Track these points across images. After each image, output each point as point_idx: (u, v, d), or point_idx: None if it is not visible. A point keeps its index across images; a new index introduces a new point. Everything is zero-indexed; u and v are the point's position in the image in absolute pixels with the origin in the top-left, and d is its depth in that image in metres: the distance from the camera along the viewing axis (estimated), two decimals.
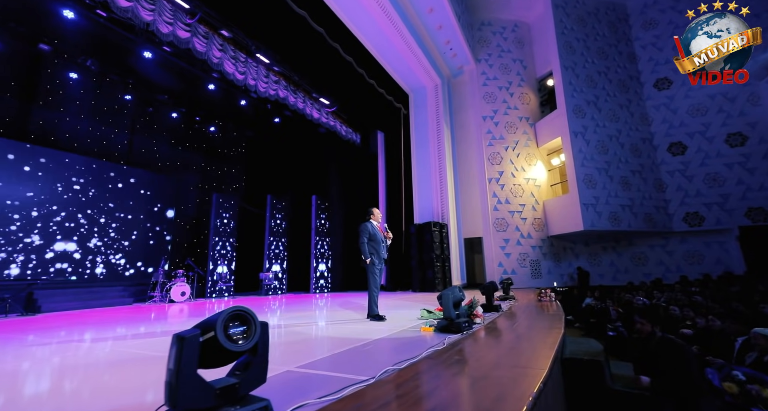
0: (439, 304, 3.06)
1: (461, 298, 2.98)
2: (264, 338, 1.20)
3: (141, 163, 10.49)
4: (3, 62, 8.22)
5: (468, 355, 2.10)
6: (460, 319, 2.93)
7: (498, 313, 4.16)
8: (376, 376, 1.65)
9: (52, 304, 6.73)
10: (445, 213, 10.78)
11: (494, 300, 4.47)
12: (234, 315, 1.10)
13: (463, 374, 1.73)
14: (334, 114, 12.03)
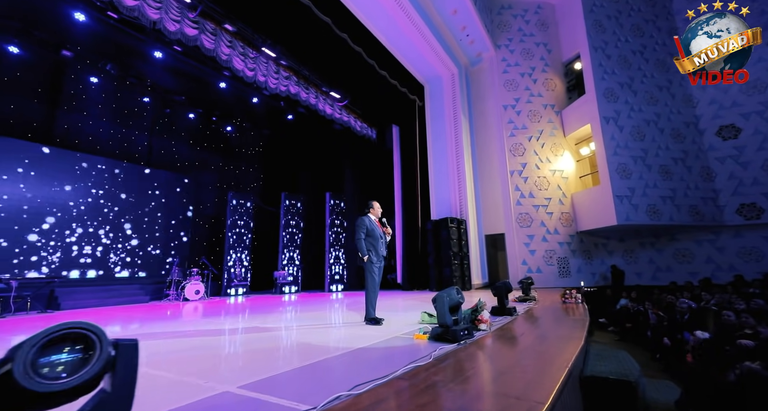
0: (434, 307, 2.66)
1: (458, 302, 2.56)
2: (126, 369, 0.87)
3: (160, 164, 10.72)
4: (30, 69, 8.56)
5: (450, 376, 1.70)
6: (458, 327, 2.52)
7: (511, 318, 3.69)
8: (318, 406, 1.30)
9: (71, 301, 6.93)
10: (463, 208, 10.23)
11: (509, 302, 3.98)
12: (60, 336, 0.78)
13: (432, 407, 1.35)
14: (347, 109, 11.77)
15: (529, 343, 2.49)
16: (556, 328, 3.07)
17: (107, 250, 8.63)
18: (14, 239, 7.22)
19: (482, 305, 3.08)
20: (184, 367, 2.08)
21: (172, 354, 2.50)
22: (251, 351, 2.56)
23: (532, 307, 4.67)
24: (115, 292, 7.77)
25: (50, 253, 7.68)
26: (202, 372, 1.96)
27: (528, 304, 5.01)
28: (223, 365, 2.19)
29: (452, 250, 8.99)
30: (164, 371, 1.98)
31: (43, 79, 8.82)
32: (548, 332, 2.91)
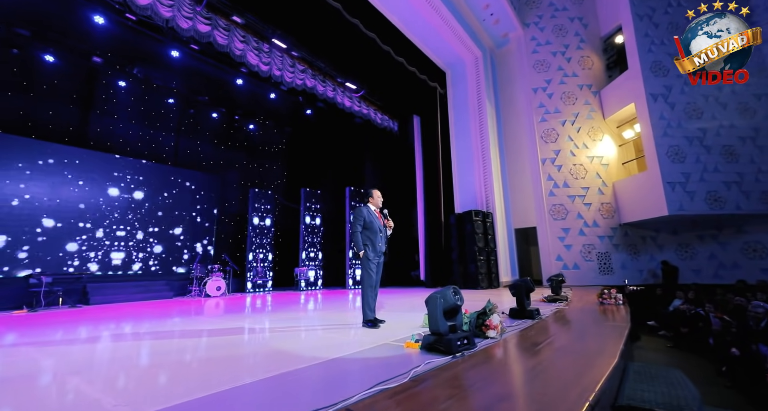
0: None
1: (455, 304, 2.11)
2: None
3: (186, 164, 11.00)
4: (65, 77, 9.00)
5: (421, 407, 1.28)
6: (455, 335, 2.07)
7: (532, 322, 3.15)
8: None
9: (100, 296, 7.21)
10: (490, 201, 9.54)
11: (530, 303, 3.44)
12: None
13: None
14: (367, 102, 11.43)
15: (547, 356, 1.99)
16: (586, 337, 2.52)
17: (135, 247, 8.95)
18: (49, 237, 7.62)
19: (492, 307, 2.59)
20: (114, 381, 1.82)
21: (129, 360, 2.27)
22: (215, 358, 2.28)
23: (561, 309, 4.07)
24: (142, 287, 8.02)
25: (82, 250, 8.05)
26: (135, 387, 1.70)
27: (557, 304, 4.39)
28: (172, 375, 1.91)
29: (477, 245, 8.39)
30: (88, 384, 1.75)
31: (77, 86, 9.26)
32: (575, 342, 2.38)
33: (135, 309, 6.00)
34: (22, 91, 8.25)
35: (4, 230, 7.03)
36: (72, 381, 1.89)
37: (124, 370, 2.08)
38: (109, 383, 1.82)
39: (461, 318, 2.23)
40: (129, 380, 1.87)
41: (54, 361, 2.39)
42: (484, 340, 2.37)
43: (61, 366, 2.25)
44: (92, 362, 2.35)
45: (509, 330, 2.76)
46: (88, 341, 3.16)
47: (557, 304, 4.42)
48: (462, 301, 2.17)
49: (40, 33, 8.12)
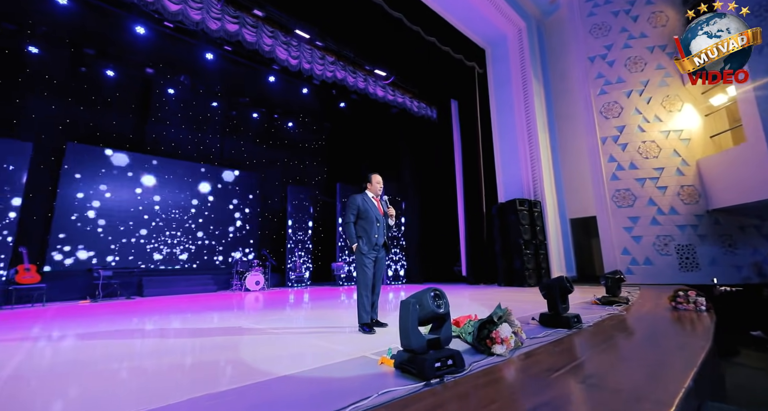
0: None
1: (435, 313, 1.62)
2: None
3: (231, 163, 11.55)
4: (124, 89, 9.87)
5: None
6: (437, 353, 1.58)
7: (567, 332, 2.49)
8: None
9: (153, 289, 7.80)
10: (538, 188, 8.50)
11: (568, 306, 2.75)
12: None
13: None
14: (401, 90, 10.93)
15: (564, 391, 1.40)
16: (638, 358, 1.84)
17: (183, 244, 9.57)
18: (111, 234, 8.42)
19: (503, 314, 2.03)
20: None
21: (80, 367, 2.11)
22: (151, 368, 2.02)
23: (616, 315, 3.26)
24: (190, 281, 8.53)
25: (137, 247, 8.80)
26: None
27: (612, 308, 3.56)
28: (76, 392, 1.68)
29: (523, 237, 7.49)
30: None
31: (134, 96, 10.12)
32: (616, 366, 1.73)
33: (169, 302, 6.32)
34: (91, 105, 9.19)
35: (75, 229, 7.90)
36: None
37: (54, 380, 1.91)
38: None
39: (448, 330, 1.72)
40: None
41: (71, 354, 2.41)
42: (487, 359, 1.83)
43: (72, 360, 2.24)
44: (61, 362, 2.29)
45: (533, 343, 2.17)
46: (97, 336, 3.22)
47: (612, 308, 3.59)
48: (446, 307, 1.67)
49: (102, 50, 8.96)
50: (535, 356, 1.91)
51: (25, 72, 8.38)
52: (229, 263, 9.97)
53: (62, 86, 8.76)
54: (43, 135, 8.38)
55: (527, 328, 2.76)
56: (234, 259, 9.04)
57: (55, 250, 7.55)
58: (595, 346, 2.13)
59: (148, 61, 9.69)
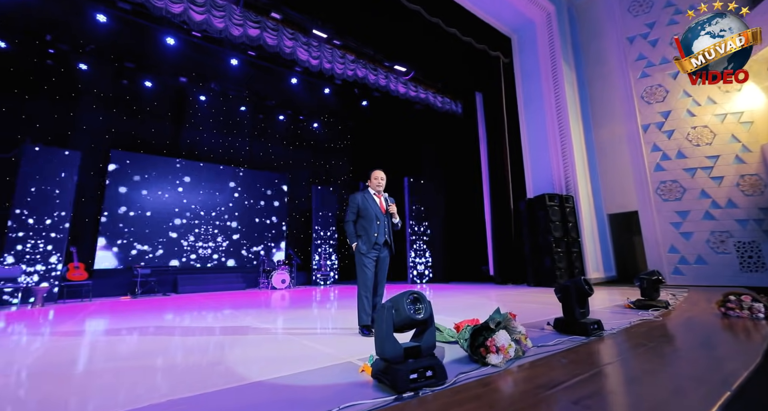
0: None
1: (411, 319, 1.48)
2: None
3: (260, 165, 11.95)
4: (161, 98, 10.51)
5: None
6: (414, 363, 1.45)
7: (584, 340, 2.23)
8: None
9: (187, 286, 8.24)
10: (571, 181, 7.94)
11: (588, 311, 2.48)
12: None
13: None
14: (423, 85, 10.70)
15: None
16: (658, 378, 1.58)
17: (215, 243, 10.03)
18: (149, 234, 8.99)
19: (503, 320, 1.84)
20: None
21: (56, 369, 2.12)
22: (130, 369, 2.01)
23: (650, 321, 2.91)
24: (221, 279, 8.91)
25: (173, 246, 9.33)
26: None
27: (647, 313, 3.18)
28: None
29: (553, 234, 7.03)
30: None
31: (170, 105, 10.73)
32: (626, 389, 1.49)
33: (197, 299, 6.62)
34: (132, 115, 9.88)
35: (118, 230, 8.54)
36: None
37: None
38: None
39: (431, 337, 1.58)
40: None
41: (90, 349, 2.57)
42: (479, 369, 1.66)
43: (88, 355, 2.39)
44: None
45: (539, 352, 1.96)
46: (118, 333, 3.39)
47: (646, 313, 3.21)
48: (426, 313, 1.53)
49: (140, 63, 9.60)
50: (535, 368, 1.71)
51: (77, 88, 9.15)
52: (257, 262, 10.32)
53: (107, 98, 9.48)
54: (92, 144, 9.12)
55: (540, 334, 2.52)
56: (261, 258, 9.32)
57: (101, 249, 8.20)
58: (612, 358, 1.87)
59: (180, 70, 10.25)
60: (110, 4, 7.71)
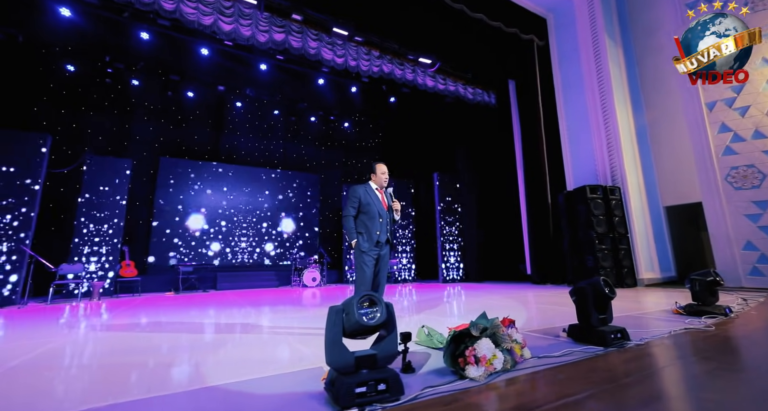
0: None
1: (362, 325, 1.30)
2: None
3: (294, 166, 12.32)
4: (202, 106, 11.22)
5: None
6: (366, 375, 1.28)
7: (600, 352, 1.89)
8: None
9: (226, 283, 8.70)
10: (617, 171, 7.12)
11: (611, 317, 2.11)
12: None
13: None
14: (452, 77, 10.28)
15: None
16: (672, 408, 1.25)
17: (252, 243, 10.48)
18: (191, 235, 9.63)
19: (490, 326, 1.59)
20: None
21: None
22: (99, 367, 2.02)
23: (698, 331, 2.43)
24: (256, 277, 9.29)
25: (213, 245, 9.91)
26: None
27: (697, 321, 2.67)
28: None
29: (595, 230, 6.35)
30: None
31: (210, 113, 11.42)
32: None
33: (229, 296, 6.92)
34: (177, 124, 10.66)
35: (165, 231, 9.25)
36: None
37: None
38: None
39: (391, 346, 1.38)
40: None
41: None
42: (452, 383, 1.44)
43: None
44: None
45: (538, 364, 1.67)
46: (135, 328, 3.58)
47: (696, 321, 2.70)
48: (381, 318, 1.34)
49: (183, 75, 10.32)
50: (519, 384, 1.45)
51: (131, 102, 10.06)
52: (289, 261, 10.64)
53: (156, 110, 10.31)
54: (144, 152, 9.97)
55: (553, 342, 2.20)
56: (293, 257, 9.58)
57: (150, 248, 8.94)
58: (620, 377, 1.53)
59: (218, 79, 10.84)
60: (151, 22, 8.35)
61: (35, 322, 3.93)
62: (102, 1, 7.52)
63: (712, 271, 2.99)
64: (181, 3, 7.29)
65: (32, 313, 4.85)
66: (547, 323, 2.87)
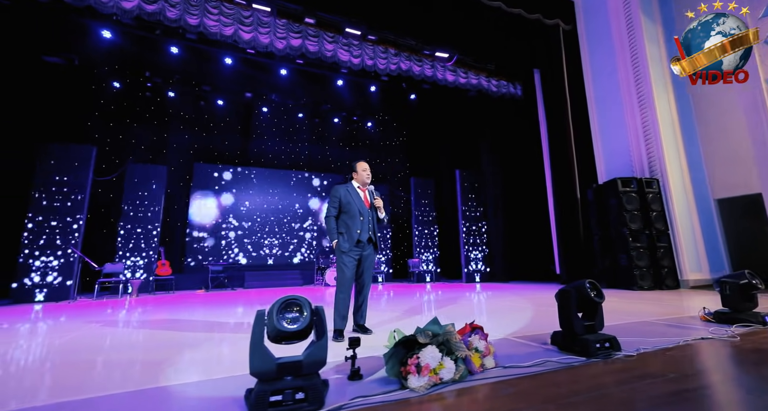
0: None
1: (281, 330, 1.24)
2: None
3: (318, 168, 12.58)
4: (231, 114, 11.80)
5: None
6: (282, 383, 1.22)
7: (574, 363, 1.69)
8: None
9: (253, 282, 9.07)
10: (656, 162, 6.45)
11: (601, 325, 1.88)
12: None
13: None
14: (474, 69, 9.92)
15: None
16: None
17: (279, 242, 10.83)
18: (222, 236, 10.14)
19: (441, 333, 1.46)
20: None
21: None
22: (65, 364, 2.08)
23: (715, 341, 2.09)
24: (282, 276, 9.59)
25: (241, 245, 10.36)
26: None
27: (728, 330, 2.30)
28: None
29: (628, 226, 5.79)
30: None
31: (238, 119, 11.97)
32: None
33: (252, 294, 7.18)
34: (209, 131, 11.31)
35: (197, 232, 9.84)
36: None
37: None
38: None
39: (321, 352, 1.30)
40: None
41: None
42: (390, 393, 1.34)
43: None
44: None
45: (502, 374, 1.51)
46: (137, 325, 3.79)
47: (721, 330, 2.32)
48: (306, 322, 1.26)
49: (213, 85, 10.92)
50: (459, 397, 1.31)
51: (168, 113, 10.82)
52: (312, 260, 10.86)
53: (190, 119, 11.01)
54: (180, 159, 10.68)
55: (536, 350, 2.00)
56: (315, 256, 9.76)
57: (185, 249, 9.56)
58: (573, 395, 1.32)
59: (245, 87, 11.32)
60: (180, 36, 8.90)
61: (72, 315, 4.34)
62: (136, 21, 8.14)
63: (747, 273, 2.57)
64: (204, 17, 7.69)
65: (79, 307, 5.38)
66: (543, 328, 2.63)
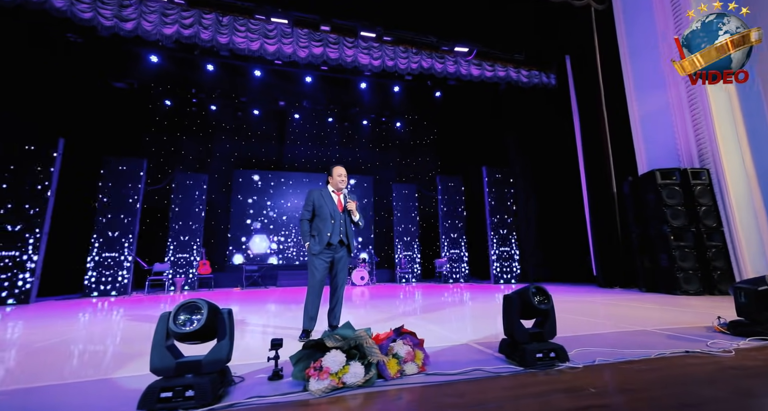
0: None
1: (177, 333, 1.30)
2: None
3: (349, 170, 12.71)
4: (267, 122, 12.51)
5: None
6: (161, 383, 1.27)
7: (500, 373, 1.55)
8: None
9: (285, 280, 9.55)
10: (707, 150, 5.63)
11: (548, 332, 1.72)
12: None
13: None
14: (500, 61, 9.51)
15: None
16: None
17: None
18: (259, 237, 10.79)
19: (353, 337, 1.43)
20: None
21: None
22: (42, 350, 2.30)
23: (706, 359, 1.77)
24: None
25: (275, 246, 10.92)
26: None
27: (741, 342, 1.94)
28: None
29: (670, 223, 5.13)
30: None
31: (273, 126, 12.66)
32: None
33: (279, 292, 7.55)
34: (247, 139, 12.12)
35: (237, 234, 10.58)
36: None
37: None
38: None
39: (219, 353, 1.33)
40: None
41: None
42: (288, 395, 1.34)
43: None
44: None
45: (423, 381, 1.45)
46: None
47: (727, 342, 1.96)
48: (201, 324, 1.30)
49: (249, 96, 11.70)
50: (346, 402, 1.27)
51: (212, 124, 11.79)
52: None
53: (230, 129, 11.88)
54: (223, 167, 11.59)
55: (485, 357, 1.86)
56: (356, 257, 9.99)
57: (225, 249, 10.33)
58: (480, 405, 1.20)
59: (278, 96, 11.97)
60: (215, 54, 9.68)
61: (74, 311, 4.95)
62: (176, 44, 9.01)
63: (765, 278, 2.15)
64: (233, 34, 8.27)
65: (134, 301, 6.10)
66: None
